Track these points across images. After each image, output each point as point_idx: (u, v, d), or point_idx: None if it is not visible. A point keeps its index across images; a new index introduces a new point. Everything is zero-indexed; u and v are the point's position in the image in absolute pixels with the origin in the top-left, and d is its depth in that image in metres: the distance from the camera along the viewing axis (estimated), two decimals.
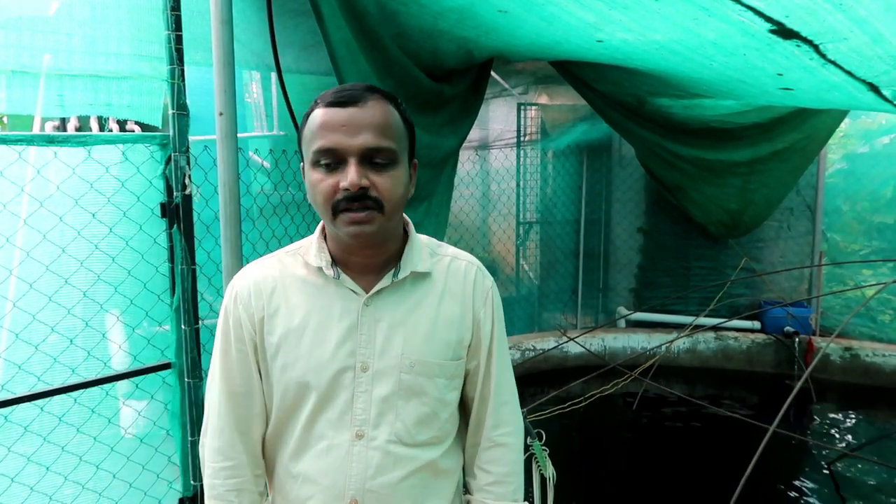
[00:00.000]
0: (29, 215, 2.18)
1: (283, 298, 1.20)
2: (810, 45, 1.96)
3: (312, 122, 1.11)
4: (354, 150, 1.07)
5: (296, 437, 1.20)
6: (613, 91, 4.26)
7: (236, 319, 1.21)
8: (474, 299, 1.27)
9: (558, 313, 6.16)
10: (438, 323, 1.22)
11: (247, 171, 3.62)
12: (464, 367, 1.28)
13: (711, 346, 5.74)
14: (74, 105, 2.21)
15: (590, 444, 4.45)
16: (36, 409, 2.18)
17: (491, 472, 1.30)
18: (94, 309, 2.29)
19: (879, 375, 5.23)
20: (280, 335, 1.19)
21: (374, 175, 1.09)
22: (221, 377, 1.23)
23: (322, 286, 1.20)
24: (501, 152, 5.96)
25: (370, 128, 1.08)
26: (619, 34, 2.42)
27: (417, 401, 1.20)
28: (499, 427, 1.30)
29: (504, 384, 1.32)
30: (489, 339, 1.29)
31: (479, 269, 1.31)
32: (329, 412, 1.18)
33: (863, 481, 3.77)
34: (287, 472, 1.22)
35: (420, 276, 1.24)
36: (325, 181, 1.09)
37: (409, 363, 1.19)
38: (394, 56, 2.87)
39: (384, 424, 1.18)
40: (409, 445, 1.20)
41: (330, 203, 1.09)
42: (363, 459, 1.17)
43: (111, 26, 2.20)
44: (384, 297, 1.20)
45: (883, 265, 5.65)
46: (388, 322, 1.19)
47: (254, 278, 1.23)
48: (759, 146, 4.89)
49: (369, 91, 1.11)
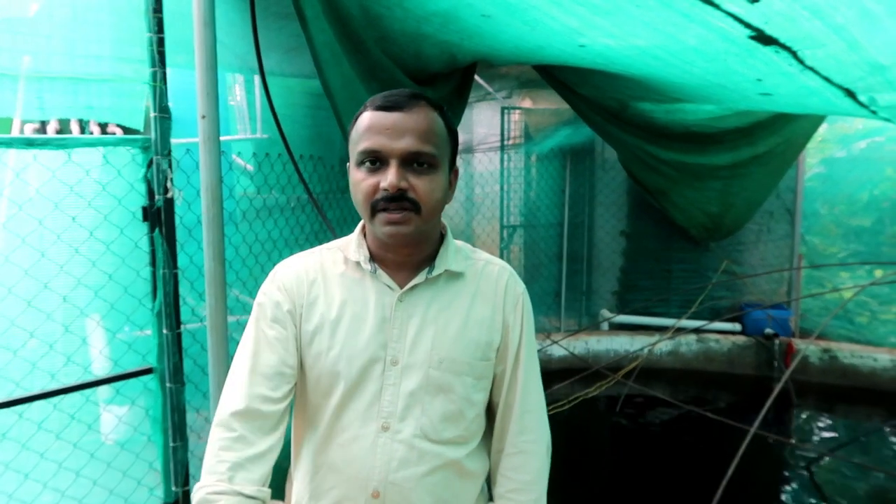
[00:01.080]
0: (8, 219, 2.16)
1: (323, 289, 1.24)
2: (789, 52, 1.99)
3: (360, 124, 1.16)
4: (397, 153, 1.12)
5: (324, 427, 1.22)
6: (596, 95, 4.29)
7: (276, 304, 1.23)
8: (505, 303, 1.29)
9: (542, 316, 6.18)
10: (469, 322, 1.24)
11: (230, 175, 3.60)
12: (492, 369, 1.29)
13: (693, 348, 5.79)
14: (54, 107, 2.19)
15: (573, 446, 4.46)
16: (14, 416, 2.15)
17: (513, 479, 1.29)
18: (75, 313, 2.26)
19: (857, 376, 5.30)
20: (316, 324, 1.22)
21: (414, 178, 1.13)
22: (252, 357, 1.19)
23: (359, 280, 1.24)
24: (485, 156, 5.97)
25: (413, 132, 1.12)
26: (602, 39, 2.44)
27: (444, 397, 1.21)
28: (523, 434, 1.30)
29: (531, 392, 1.31)
30: (517, 344, 1.30)
31: (512, 275, 1.33)
32: (357, 403, 1.20)
33: (842, 481, 3.82)
34: (313, 462, 1.24)
35: (454, 275, 1.27)
36: (366, 181, 1.13)
37: (437, 359, 1.21)
38: (377, 59, 2.87)
39: (410, 418, 1.19)
40: (434, 441, 1.21)
41: (370, 202, 1.14)
42: (387, 451, 1.19)
43: (92, 28, 2.18)
44: (418, 294, 1.23)
45: (860, 268, 5.74)
46: (420, 318, 1.22)
47: (296, 268, 1.26)
48: (739, 150, 4.94)
49: (416, 98, 1.16)
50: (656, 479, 3.91)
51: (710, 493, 2.54)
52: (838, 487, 3.76)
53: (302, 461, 1.28)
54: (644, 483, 3.89)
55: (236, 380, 1.19)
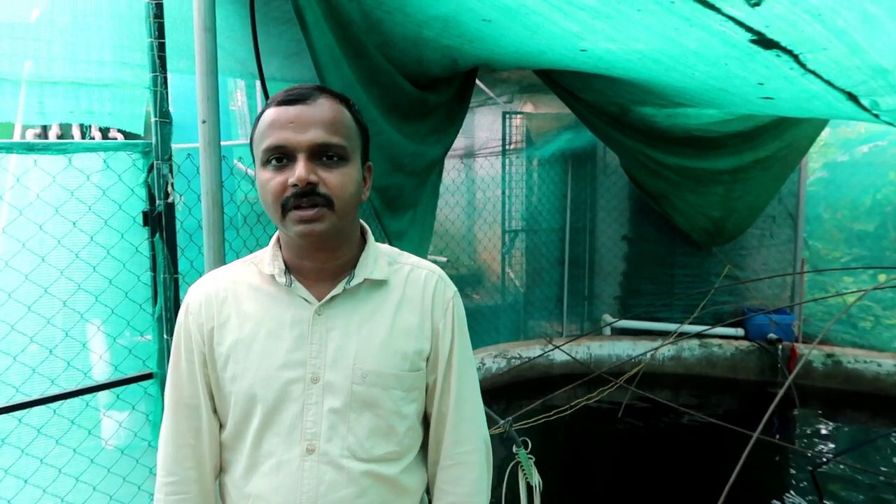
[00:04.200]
0: (8, 224, 2.16)
1: (235, 308, 1.18)
2: (790, 55, 1.99)
3: (262, 122, 1.10)
4: (304, 146, 1.06)
5: (246, 455, 1.16)
6: (597, 100, 4.29)
7: (186, 331, 1.19)
8: (433, 309, 1.22)
9: (544, 321, 6.17)
10: (395, 332, 1.18)
11: (231, 179, 3.60)
12: (423, 379, 1.23)
13: (696, 353, 5.77)
14: (55, 113, 2.19)
15: (576, 451, 4.45)
16: (14, 421, 2.15)
17: (451, 493, 1.24)
18: (75, 318, 2.26)
19: (861, 381, 5.28)
20: (229, 345, 1.16)
21: (324, 171, 1.07)
22: (171, 388, 1.21)
23: (275, 295, 1.17)
24: (487, 161, 5.97)
25: (319, 124, 1.07)
26: (603, 44, 2.44)
27: (371, 413, 1.15)
28: (459, 445, 1.24)
29: (466, 399, 1.25)
30: (448, 351, 1.24)
31: (441, 279, 1.27)
32: (278, 426, 1.13)
33: (846, 487, 3.80)
34: (239, 493, 1.18)
35: (376, 283, 1.20)
36: (274, 179, 1.07)
37: (361, 374, 1.14)
38: (378, 64, 2.87)
39: (336, 438, 1.13)
40: (363, 460, 1.15)
41: (279, 201, 1.07)
42: (315, 475, 1.12)
43: (93, 33, 2.19)
44: (337, 306, 1.17)
45: (863, 272, 5.73)
46: (341, 331, 1.15)
47: (206, 289, 1.20)
48: (741, 155, 4.94)
49: (318, 90, 1.11)
50: (658, 485, 3.89)
51: (712, 499, 2.52)
52: (841, 493, 3.73)
53: (229, 493, 1.21)
54: (646, 489, 3.87)
55: (164, 418, 1.22)
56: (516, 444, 2.40)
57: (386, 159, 3.14)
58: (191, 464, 1.19)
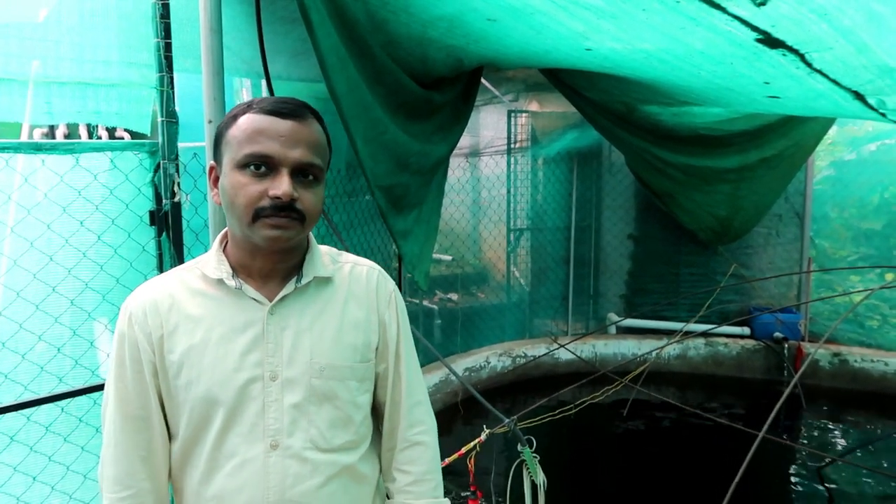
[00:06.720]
0: (16, 223, 2.17)
1: (182, 314, 1.18)
2: (796, 55, 1.98)
3: (245, 125, 1.11)
4: (289, 162, 1.10)
5: (205, 458, 1.16)
6: (603, 99, 4.28)
7: (132, 340, 1.17)
8: (378, 302, 1.29)
9: (549, 320, 6.17)
10: (344, 326, 1.23)
11: None
12: (373, 369, 1.29)
13: (701, 352, 5.76)
14: (63, 112, 2.21)
15: (581, 450, 4.45)
16: (22, 419, 2.16)
17: (410, 472, 1.30)
18: (82, 317, 2.27)
19: (867, 381, 5.27)
20: (181, 352, 1.16)
21: (302, 190, 1.12)
22: (116, 402, 1.18)
23: (222, 298, 1.19)
24: (492, 159, 5.97)
25: (306, 144, 1.12)
26: (608, 43, 2.44)
27: (330, 405, 1.20)
28: (414, 427, 1.32)
29: (415, 385, 1.34)
30: (396, 341, 1.31)
31: (381, 274, 1.33)
32: (240, 426, 1.15)
33: (852, 486, 3.79)
34: (198, 497, 1.17)
35: (323, 281, 1.25)
36: (252, 185, 1.09)
37: (318, 368, 1.19)
38: (383, 64, 2.87)
39: (298, 432, 1.17)
40: (325, 451, 1.19)
41: (254, 207, 1.09)
42: (280, 469, 1.15)
43: (100, 33, 2.20)
44: (289, 304, 1.20)
45: (870, 271, 5.70)
46: (295, 328, 1.19)
47: (149, 296, 1.19)
48: (747, 153, 4.92)
49: (307, 108, 1.16)
50: (664, 484, 3.89)
51: (718, 498, 2.52)
52: (848, 492, 3.72)
53: (186, 499, 1.20)
54: (651, 487, 3.87)
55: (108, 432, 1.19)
56: (521, 442, 2.40)
57: (391, 158, 3.14)
58: (144, 475, 1.18)
